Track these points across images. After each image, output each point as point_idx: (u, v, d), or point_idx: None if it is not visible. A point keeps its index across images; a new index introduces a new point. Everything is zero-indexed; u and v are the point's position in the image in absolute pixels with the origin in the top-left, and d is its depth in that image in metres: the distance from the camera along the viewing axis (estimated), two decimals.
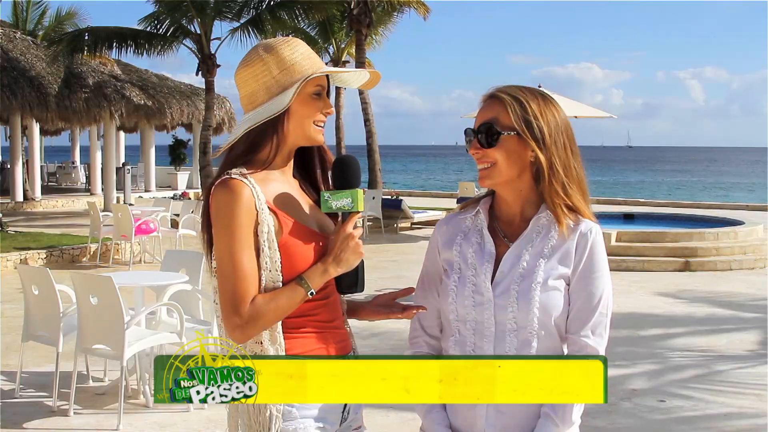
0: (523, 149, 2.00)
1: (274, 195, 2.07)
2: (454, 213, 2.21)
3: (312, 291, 2.00)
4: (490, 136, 2.00)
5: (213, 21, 18.50)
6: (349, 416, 2.15)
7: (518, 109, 2.00)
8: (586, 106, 16.39)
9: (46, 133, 30.46)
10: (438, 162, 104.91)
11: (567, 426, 1.99)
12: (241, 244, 1.98)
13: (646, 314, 8.70)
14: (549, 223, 2.04)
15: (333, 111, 2.17)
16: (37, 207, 21.90)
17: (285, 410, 2.01)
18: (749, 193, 41.36)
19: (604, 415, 5.36)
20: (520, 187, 2.05)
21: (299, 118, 2.09)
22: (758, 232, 13.04)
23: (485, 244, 2.07)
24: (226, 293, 1.98)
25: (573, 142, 2.06)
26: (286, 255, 2.02)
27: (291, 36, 2.20)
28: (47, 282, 5.49)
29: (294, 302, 2.00)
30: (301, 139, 2.12)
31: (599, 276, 2.02)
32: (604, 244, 2.08)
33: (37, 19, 24.53)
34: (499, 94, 2.04)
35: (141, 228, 11.88)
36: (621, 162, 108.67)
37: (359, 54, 19.75)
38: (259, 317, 1.96)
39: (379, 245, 13.82)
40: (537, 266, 1.99)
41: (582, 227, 2.03)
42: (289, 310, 2.01)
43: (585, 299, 2.01)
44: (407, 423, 5.10)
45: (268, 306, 1.97)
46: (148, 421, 5.24)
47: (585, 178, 2.07)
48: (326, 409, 2.06)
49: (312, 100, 2.09)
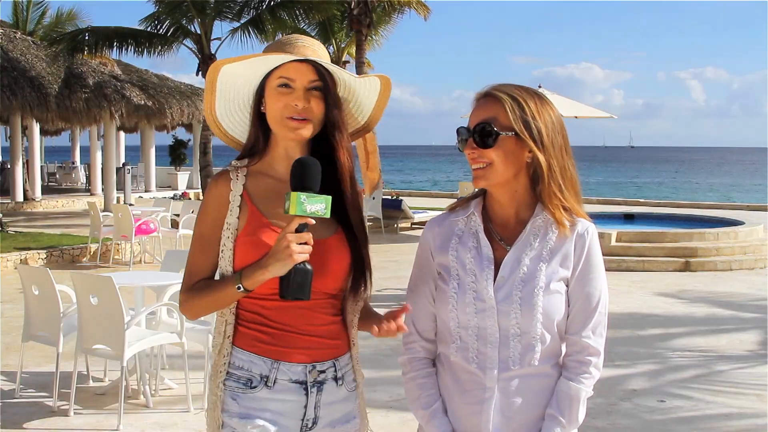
0: (521, 150, 1.97)
1: (259, 190, 2.08)
2: (445, 214, 2.14)
3: (240, 286, 1.95)
4: (488, 136, 1.97)
5: (213, 21, 18.49)
6: (315, 427, 2.07)
7: (516, 109, 1.96)
8: (586, 107, 16.37)
9: (46, 133, 30.46)
10: (438, 162, 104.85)
11: (573, 426, 1.99)
12: (200, 231, 2.10)
13: (646, 314, 8.70)
14: (546, 225, 2.02)
15: (302, 104, 2.02)
16: (37, 207, 21.89)
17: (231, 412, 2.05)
18: (749, 193, 41.35)
19: (604, 415, 5.36)
20: (515, 188, 2.02)
21: (270, 113, 2.07)
22: (758, 233, 13.04)
23: (482, 248, 2.03)
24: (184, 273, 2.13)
25: (567, 143, 2.04)
26: (244, 250, 2.02)
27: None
28: (47, 282, 5.49)
29: (223, 293, 2.00)
30: (281, 134, 2.08)
31: (597, 276, 2.02)
32: (601, 244, 2.07)
33: (37, 19, 24.50)
34: (496, 93, 2.00)
35: (141, 228, 11.88)
36: (623, 161, 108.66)
37: (359, 54, 19.74)
38: (189, 299, 2.07)
39: (379, 245, 13.82)
40: (538, 270, 1.97)
41: (579, 228, 2.02)
42: (221, 300, 2.03)
43: (585, 300, 2.00)
44: (407, 423, 5.10)
45: (200, 291, 2.05)
46: (148, 421, 5.24)
47: (578, 178, 2.06)
48: (275, 411, 2.04)
49: (277, 93, 2.04)
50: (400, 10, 21.09)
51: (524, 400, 1.98)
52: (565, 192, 2.00)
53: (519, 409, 1.97)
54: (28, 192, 22.25)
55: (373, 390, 5.59)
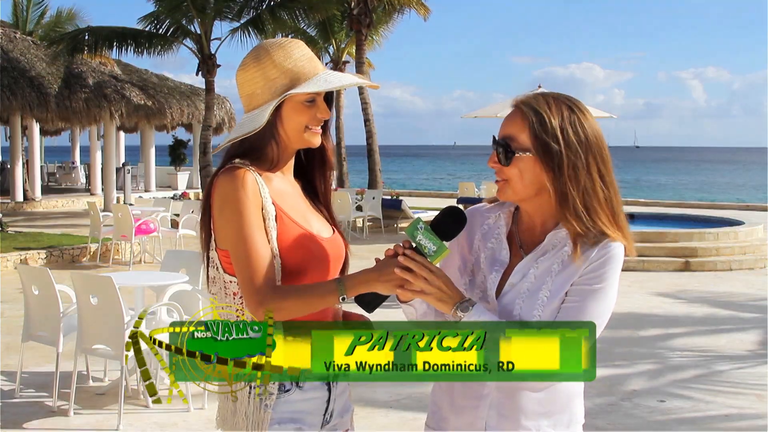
0: (540, 170, 1.91)
1: (276, 192, 2.08)
2: (481, 206, 2.13)
3: (344, 297, 1.94)
4: (505, 154, 1.93)
5: (213, 21, 18.50)
6: (332, 419, 2.12)
7: (537, 128, 1.89)
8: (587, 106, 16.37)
9: (46, 133, 30.45)
10: (438, 162, 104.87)
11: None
12: (252, 226, 1.98)
13: (646, 314, 8.70)
14: (567, 238, 1.95)
15: (328, 114, 2.13)
16: (37, 207, 21.88)
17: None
18: (749, 194, 41.34)
19: (604, 415, 5.36)
20: (539, 203, 1.97)
21: (292, 125, 2.09)
22: (758, 232, 13.04)
23: (500, 251, 2.02)
24: (244, 275, 1.97)
25: (602, 159, 1.93)
26: (283, 252, 2.02)
27: (291, 37, 2.19)
28: (47, 282, 5.49)
29: (324, 300, 1.96)
30: (297, 144, 2.13)
31: (602, 289, 1.91)
32: (620, 263, 1.94)
33: (37, 19, 24.52)
34: (522, 107, 1.93)
35: (141, 228, 11.88)
36: (629, 161, 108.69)
37: (359, 54, 19.76)
38: (283, 300, 1.93)
39: (379, 245, 13.81)
40: (544, 284, 1.94)
41: (599, 247, 1.92)
42: (317, 306, 1.97)
43: (574, 302, 1.91)
44: (408, 423, 5.11)
45: (296, 293, 1.95)
46: (148, 421, 5.24)
47: (616, 194, 1.95)
48: (305, 411, 2.04)
49: (304, 107, 2.08)
50: (400, 10, 21.12)
51: (522, 399, 1.96)
52: (593, 215, 1.90)
53: (516, 407, 1.96)
54: (28, 192, 22.24)
55: (373, 390, 5.60)
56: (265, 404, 2.00)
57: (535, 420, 1.97)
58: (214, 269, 2.08)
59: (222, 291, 2.08)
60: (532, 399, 1.96)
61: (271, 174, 2.11)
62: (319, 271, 2.06)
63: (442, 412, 2.07)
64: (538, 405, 1.97)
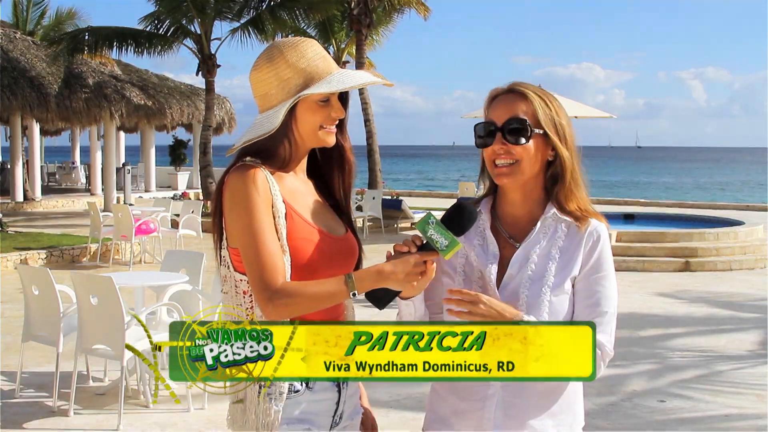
0: (545, 149, 2.00)
1: (287, 190, 2.07)
2: None
3: (355, 292, 1.92)
4: (521, 133, 1.96)
5: (213, 21, 18.51)
6: (341, 421, 2.11)
7: (544, 107, 1.99)
8: (586, 106, 16.39)
9: (46, 133, 30.45)
10: (438, 162, 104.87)
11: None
12: (262, 223, 1.98)
13: (645, 314, 8.70)
14: (555, 224, 2.02)
15: (343, 114, 2.13)
16: (37, 207, 21.89)
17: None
18: (749, 193, 41.34)
19: (604, 415, 5.36)
20: (531, 187, 2.03)
21: (305, 125, 2.08)
22: (758, 232, 13.05)
23: (488, 245, 2.03)
24: (254, 272, 1.96)
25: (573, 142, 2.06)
26: (293, 250, 2.02)
27: (300, 37, 2.17)
28: (47, 282, 5.49)
29: (333, 296, 1.94)
30: (311, 143, 2.12)
31: (606, 275, 2.00)
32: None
33: (37, 19, 24.55)
34: (524, 91, 2.00)
35: (141, 228, 11.88)
36: (630, 161, 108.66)
37: (359, 54, 19.75)
38: (291, 296, 1.92)
39: (379, 245, 13.79)
40: (547, 269, 1.97)
41: (590, 227, 2.01)
42: (327, 302, 1.96)
43: (592, 298, 1.98)
44: (407, 423, 5.11)
45: (305, 288, 1.94)
46: (148, 421, 5.24)
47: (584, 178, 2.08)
48: (314, 412, 2.04)
49: (318, 107, 2.08)
50: (400, 10, 21.10)
51: (527, 399, 1.97)
52: (581, 191, 2.03)
53: (522, 407, 1.96)
54: (28, 192, 22.25)
55: (373, 390, 5.59)
56: (275, 405, 1.99)
57: (541, 420, 1.97)
58: (226, 268, 2.08)
59: (233, 289, 2.07)
60: (539, 398, 1.97)
61: (283, 172, 2.10)
62: (330, 270, 2.04)
63: (442, 417, 2.06)
64: (544, 404, 1.97)
